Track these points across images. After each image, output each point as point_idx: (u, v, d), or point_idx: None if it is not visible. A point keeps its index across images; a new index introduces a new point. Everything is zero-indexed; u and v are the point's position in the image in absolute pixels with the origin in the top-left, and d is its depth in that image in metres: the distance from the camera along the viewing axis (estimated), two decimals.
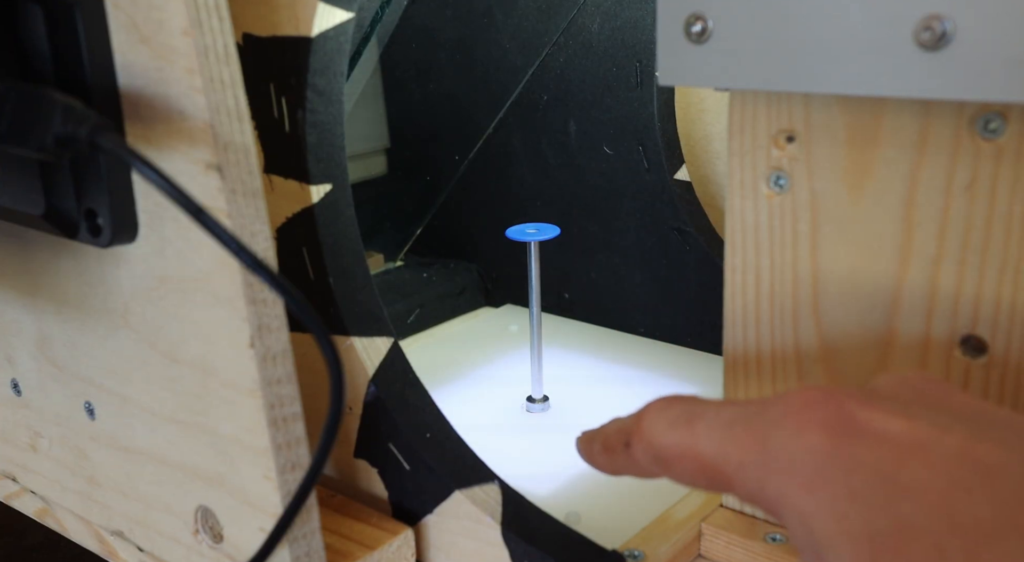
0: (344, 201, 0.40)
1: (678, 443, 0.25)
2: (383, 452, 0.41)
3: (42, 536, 0.46)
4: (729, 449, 0.23)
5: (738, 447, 0.23)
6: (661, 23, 0.31)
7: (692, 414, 0.25)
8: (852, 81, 0.27)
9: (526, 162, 0.70)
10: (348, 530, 0.39)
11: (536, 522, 0.38)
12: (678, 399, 0.26)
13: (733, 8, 0.29)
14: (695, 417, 0.25)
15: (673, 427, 0.25)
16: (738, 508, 0.40)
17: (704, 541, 0.40)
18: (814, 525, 0.21)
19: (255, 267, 0.26)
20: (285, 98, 0.38)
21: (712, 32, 0.30)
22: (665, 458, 0.25)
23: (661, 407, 0.26)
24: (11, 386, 0.43)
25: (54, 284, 0.37)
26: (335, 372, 0.26)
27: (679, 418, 0.25)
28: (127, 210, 0.32)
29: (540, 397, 0.56)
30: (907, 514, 0.20)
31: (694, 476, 0.25)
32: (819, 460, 0.21)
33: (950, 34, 0.25)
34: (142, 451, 0.37)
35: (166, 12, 0.28)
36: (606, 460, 0.29)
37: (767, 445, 0.23)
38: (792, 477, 0.22)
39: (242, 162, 0.29)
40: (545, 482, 0.48)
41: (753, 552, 0.38)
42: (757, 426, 0.23)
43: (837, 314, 0.33)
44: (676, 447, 0.25)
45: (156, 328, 0.34)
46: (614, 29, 0.62)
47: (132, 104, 0.30)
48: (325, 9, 0.36)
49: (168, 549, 0.39)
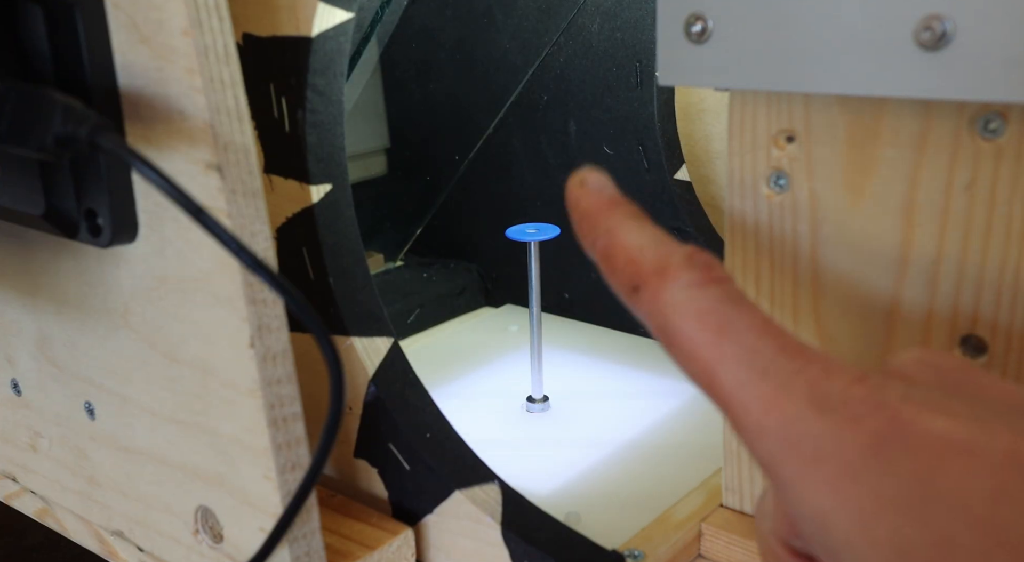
0: (344, 201, 0.40)
1: (696, 345, 0.21)
2: (383, 452, 0.41)
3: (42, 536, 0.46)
4: (752, 403, 0.20)
5: (763, 406, 0.20)
6: (661, 23, 0.31)
7: (725, 322, 0.20)
8: (852, 81, 0.27)
9: (526, 162, 0.70)
10: (348, 530, 0.39)
11: (536, 522, 0.38)
12: (715, 282, 0.21)
13: (733, 8, 0.29)
14: (728, 328, 0.20)
15: (699, 322, 0.21)
16: (738, 508, 0.40)
17: (704, 541, 0.40)
18: (833, 526, 0.19)
19: (255, 267, 0.26)
20: (285, 98, 0.38)
21: (712, 32, 0.30)
22: (672, 342, 0.21)
23: (694, 281, 0.21)
24: (11, 386, 0.43)
25: (54, 284, 0.37)
26: (335, 372, 0.26)
27: (709, 316, 0.21)
28: (127, 210, 0.32)
29: (540, 397, 0.56)
30: (945, 526, 0.18)
31: (697, 382, 0.21)
32: (850, 457, 0.19)
33: (950, 34, 0.25)
34: (142, 451, 0.37)
35: (166, 12, 0.28)
36: (610, 279, 0.23)
37: (796, 422, 0.19)
38: (816, 468, 0.19)
39: (242, 162, 0.29)
40: (545, 482, 0.48)
41: (753, 552, 0.38)
42: (794, 392, 0.19)
43: (836, 314, 0.33)
44: (691, 346, 0.21)
45: (156, 328, 0.34)
46: (614, 29, 0.62)
47: (132, 104, 0.30)
48: (325, 9, 0.36)
49: (168, 549, 0.39)
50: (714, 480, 0.43)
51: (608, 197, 0.25)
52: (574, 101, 0.65)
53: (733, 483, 0.39)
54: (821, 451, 0.19)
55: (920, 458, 0.18)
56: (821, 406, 0.19)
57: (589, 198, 0.25)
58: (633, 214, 0.24)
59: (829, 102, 0.31)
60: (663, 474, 0.47)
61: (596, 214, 0.24)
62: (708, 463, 0.46)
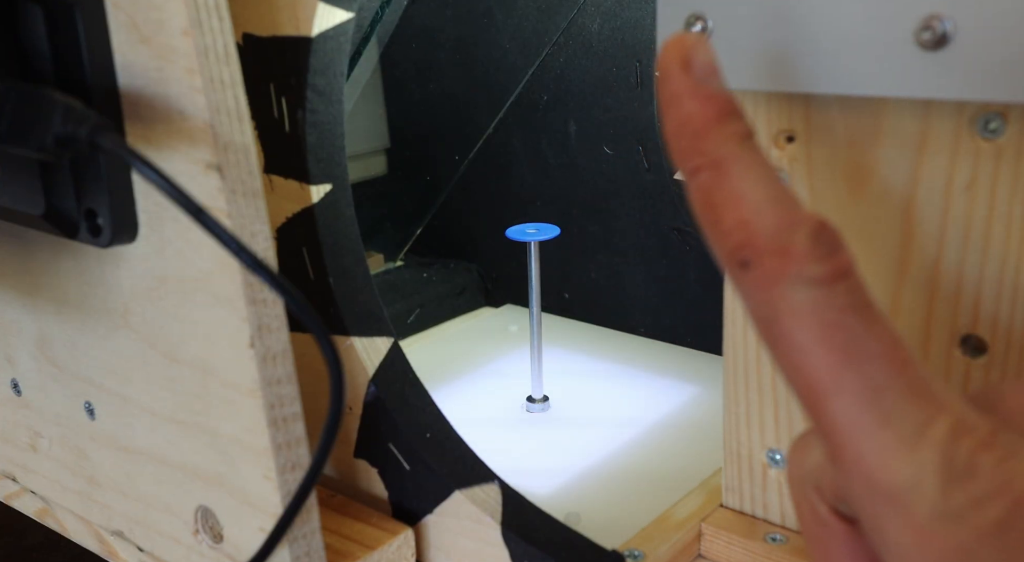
0: (344, 201, 0.40)
1: (811, 363, 0.18)
2: (383, 452, 0.41)
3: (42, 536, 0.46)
4: (866, 451, 0.17)
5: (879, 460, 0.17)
6: (661, 23, 0.31)
7: (852, 345, 0.17)
8: (852, 81, 0.27)
9: (526, 162, 0.70)
10: (348, 530, 0.39)
11: (536, 522, 0.38)
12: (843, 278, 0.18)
13: (733, 8, 0.29)
14: (854, 353, 0.17)
15: (821, 337, 0.17)
16: (738, 508, 0.40)
17: (704, 541, 0.40)
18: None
19: (255, 267, 0.26)
20: (285, 98, 0.38)
21: (712, 32, 0.30)
22: (779, 346, 0.18)
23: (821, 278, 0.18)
24: (11, 386, 0.43)
25: (54, 284, 0.37)
26: (335, 372, 0.26)
27: (835, 332, 0.17)
28: (127, 210, 0.32)
29: (540, 397, 0.57)
30: None
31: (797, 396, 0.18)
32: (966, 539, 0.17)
33: (950, 34, 0.25)
34: (142, 451, 0.37)
35: (166, 12, 0.28)
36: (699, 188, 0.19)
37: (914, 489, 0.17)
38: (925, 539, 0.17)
39: (242, 162, 0.29)
40: (545, 482, 0.48)
41: (753, 552, 0.38)
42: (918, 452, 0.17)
43: None
44: (804, 362, 0.18)
45: (156, 328, 0.34)
46: (614, 29, 0.62)
47: (132, 104, 0.30)
48: (325, 9, 0.36)
49: (168, 549, 0.39)
50: (714, 480, 0.43)
51: (721, 105, 0.20)
52: (574, 101, 0.65)
53: (733, 483, 0.39)
54: (936, 524, 0.17)
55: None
56: (946, 475, 0.17)
57: (696, 101, 0.20)
58: (749, 140, 0.20)
59: (829, 102, 0.31)
60: (663, 474, 0.47)
61: (704, 131, 0.20)
62: (708, 463, 0.46)
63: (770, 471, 0.38)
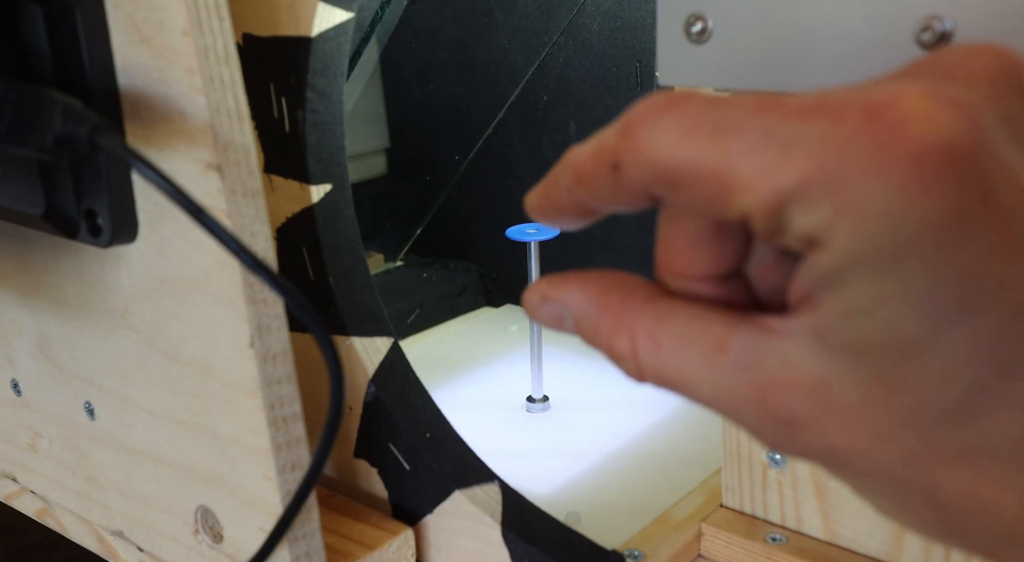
0: (344, 201, 0.40)
1: (699, 159, 0.17)
2: (383, 452, 0.41)
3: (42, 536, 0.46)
4: (782, 177, 0.16)
5: (796, 173, 0.16)
6: (661, 23, 0.31)
7: (719, 123, 0.17)
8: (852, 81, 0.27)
9: (526, 162, 0.70)
10: (348, 530, 0.39)
11: (536, 522, 0.38)
12: (687, 98, 0.18)
13: (733, 8, 0.29)
14: (725, 127, 0.17)
15: (690, 137, 0.18)
16: (738, 508, 0.40)
17: (704, 541, 0.40)
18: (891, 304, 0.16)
19: (255, 267, 0.26)
20: (285, 98, 0.38)
21: (712, 32, 0.30)
22: (675, 180, 0.18)
23: (663, 108, 0.18)
24: (11, 386, 0.43)
25: (54, 284, 0.37)
26: (335, 372, 0.26)
27: (698, 126, 0.18)
28: (127, 210, 0.32)
29: (540, 397, 0.57)
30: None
31: (713, 205, 0.18)
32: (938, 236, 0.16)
33: (950, 34, 0.25)
34: (142, 451, 0.37)
35: (166, 12, 0.28)
36: (581, 194, 0.21)
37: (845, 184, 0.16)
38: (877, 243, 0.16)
39: (242, 162, 0.29)
40: (545, 482, 0.48)
41: (753, 552, 0.38)
42: (832, 150, 0.16)
43: None
44: (695, 165, 0.18)
45: (156, 328, 0.34)
46: (614, 29, 0.62)
47: (132, 104, 0.30)
48: (325, 9, 0.36)
49: (168, 549, 0.39)
50: (714, 480, 0.43)
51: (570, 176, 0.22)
52: (574, 101, 0.65)
53: (733, 483, 0.39)
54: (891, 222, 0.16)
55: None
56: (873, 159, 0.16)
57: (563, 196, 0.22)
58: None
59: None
60: (663, 474, 0.47)
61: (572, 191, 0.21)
62: (708, 463, 0.46)
63: (770, 471, 0.38)
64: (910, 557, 0.35)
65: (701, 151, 0.18)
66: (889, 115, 0.16)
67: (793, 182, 0.16)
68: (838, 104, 0.17)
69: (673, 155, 0.18)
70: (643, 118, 0.19)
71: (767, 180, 0.17)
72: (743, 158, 0.17)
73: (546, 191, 0.22)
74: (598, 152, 0.20)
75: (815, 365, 0.18)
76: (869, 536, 0.36)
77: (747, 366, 0.18)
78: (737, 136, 0.17)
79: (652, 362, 0.20)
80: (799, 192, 0.16)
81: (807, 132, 0.17)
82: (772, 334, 0.18)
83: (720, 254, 0.20)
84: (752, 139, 0.17)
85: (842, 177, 0.16)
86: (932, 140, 0.15)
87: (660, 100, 0.19)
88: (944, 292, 0.16)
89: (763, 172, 0.17)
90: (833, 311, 0.17)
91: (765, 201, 0.17)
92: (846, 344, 0.17)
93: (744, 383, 0.18)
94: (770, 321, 0.18)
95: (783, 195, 0.17)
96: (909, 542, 0.35)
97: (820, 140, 0.16)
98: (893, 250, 0.16)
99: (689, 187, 0.18)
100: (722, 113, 0.18)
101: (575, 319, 0.21)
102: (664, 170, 0.18)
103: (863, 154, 0.16)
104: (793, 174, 0.16)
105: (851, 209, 0.16)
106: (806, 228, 0.17)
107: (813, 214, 0.16)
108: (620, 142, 0.19)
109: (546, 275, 0.22)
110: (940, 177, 0.15)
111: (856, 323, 0.17)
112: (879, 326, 0.17)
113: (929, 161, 0.15)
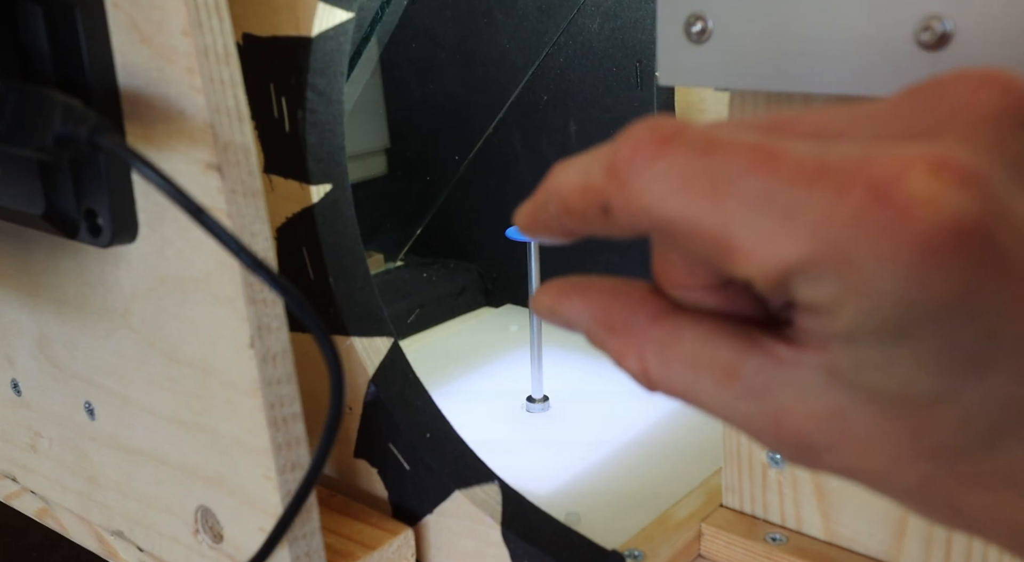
0: (344, 201, 0.40)
1: (695, 217, 0.17)
2: (383, 452, 0.41)
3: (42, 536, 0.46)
4: (785, 251, 0.16)
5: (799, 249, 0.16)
6: (661, 23, 0.31)
7: (715, 178, 0.17)
8: (852, 81, 0.27)
9: (526, 162, 0.70)
10: (348, 530, 0.39)
11: (536, 522, 0.38)
12: (677, 140, 0.17)
13: (733, 8, 0.29)
14: (721, 184, 0.17)
15: (684, 191, 0.17)
16: (738, 508, 0.40)
17: (704, 541, 0.40)
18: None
19: (255, 267, 0.26)
20: (285, 98, 0.38)
21: (712, 32, 0.30)
22: (670, 232, 0.18)
23: (654, 153, 0.17)
24: (11, 386, 0.43)
25: (54, 284, 0.37)
26: (335, 372, 0.26)
27: (692, 179, 0.17)
28: (127, 210, 0.32)
29: (540, 397, 0.56)
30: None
31: (712, 260, 0.17)
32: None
33: (950, 34, 0.25)
34: (142, 451, 0.37)
35: (166, 12, 0.28)
36: (569, 225, 0.20)
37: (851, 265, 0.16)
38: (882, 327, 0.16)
39: (242, 162, 0.29)
40: (545, 482, 0.48)
41: (753, 552, 0.38)
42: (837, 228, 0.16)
43: None
44: (691, 222, 0.17)
45: (156, 328, 0.34)
46: (614, 29, 0.62)
47: (132, 104, 0.30)
48: (325, 9, 0.36)
49: (168, 549, 0.39)
50: (714, 480, 0.43)
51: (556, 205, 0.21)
52: (574, 101, 0.65)
53: (733, 483, 0.39)
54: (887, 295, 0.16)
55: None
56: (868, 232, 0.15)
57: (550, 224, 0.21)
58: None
59: (829, 102, 0.31)
60: (663, 474, 0.47)
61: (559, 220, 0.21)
62: (708, 463, 0.46)
63: (770, 471, 0.38)
64: (910, 557, 0.35)
65: (697, 209, 0.17)
66: (896, 195, 0.15)
67: (797, 258, 0.16)
68: (841, 173, 0.16)
69: (667, 209, 0.17)
70: (632, 162, 0.18)
71: (769, 252, 0.16)
72: (743, 223, 0.16)
73: (534, 214, 0.22)
74: (585, 190, 0.19)
75: (828, 397, 0.17)
76: (869, 536, 0.36)
77: (759, 394, 0.18)
78: (735, 195, 0.17)
79: (663, 380, 0.20)
80: (803, 268, 0.16)
81: (809, 203, 0.16)
82: (783, 364, 0.18)
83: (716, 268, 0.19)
84: (751, 203, 0.16)
85: (848, 258, 0.15)
86: (940, 222, 0.15)
87: (648, 140, 0.18)
88: (961, 355, 0.16)
89: (764, 243, 0.16)
90: (844, 359, 0.17)
91: (767, 272, 0.16)
92: (859, 386, 0.17)
93: (758, 410, 0.18)
94: (780, 349, 0.18)
95: (786, 269, 0.16)
96: (909, 542, 0.35)
97: (823, 215, 0.16)
98: (905, 325, 0.16)
99: (685, 241, 0.17)
100: (717, 165, 0.17)
101: (583, 332, 0.22)
102: (658, 222, 0.18)
103: (870, 236, 0.15)
104: (796, 250, 0.16)
105: (859, 289, 0.16)
106: (812, 298, 0.16)
107: (819, 288, 0.16)
108: (609, 185, 0.18)
109: (550, 282, 0.22)
110: (950, 258, 0.15)
111: (869, 374, 0.17)
112: (893, 380, 0.17)
113: (938, 243, 0.15)
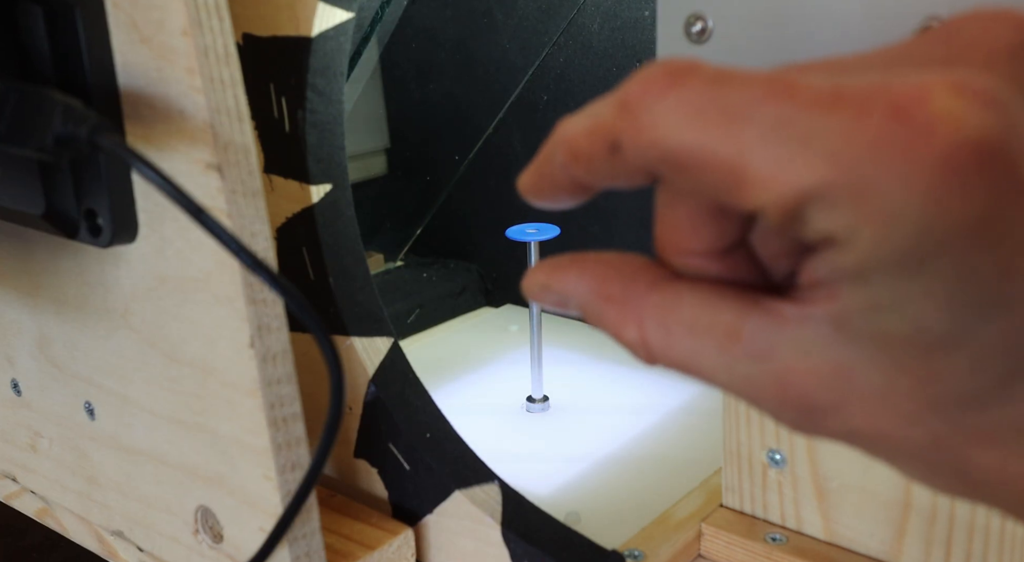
0: (344, 201, 0.40)
1: (708, 146, 0.16)
2: (383, 452, 0.41)
3: (42, 536, 0.46)
4: (802, 176, 0.16)
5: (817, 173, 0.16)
6: (661, 23, 0.31)
7: (729, 107, 0.16)
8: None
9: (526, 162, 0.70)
10: (348, 530, 0.39)
11: (536, 522, 0.38)
12: (690, 73, 0.17)
13: (733, 8, 0.29)
14: (735, 112, 0.16)
15: (697, 121, 0.17)
16: (738, 508, 0.40)
17: (704, 541, 0.40)
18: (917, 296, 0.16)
19: (255, 267, 0.26)
20: (285, 98, 0.38)
21: (712, 32, 0.30)
22: (681, 164, 0.17)
23: (666, 85, 0.17)
24: (11, 386, 0.43)
25: (54, 284, 0.37)
26: (335, 372, 0.26)
27: (706, 108, 0.17)
28: (127, 210, 0.32)
29: (540, 397, 0.57)
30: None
31: (723, 193, 0.17)
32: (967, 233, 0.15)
33: None
34: (142, 451, 0.37)
35: (166, 12, 0.28)
36: (576, 172, 0.20)
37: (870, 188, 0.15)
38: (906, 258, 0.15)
39: (242, 162, 0.29)
40: (545, 482, 0.48)
41: (753, 552, 0.38)
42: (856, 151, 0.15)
43: None
44: (704, 152, 0.17)
45: (156, 328, 0.34)
46: (614, 29, 0.62)
47: (132, 104, 0.30)
48: (325, 9, 0.36)
49: (168, 549, 0.39)
50: (714, 480, 0.43)
51: (564, 154, 0.21)
52: (574, 101, 0.65)
53: (733, 483, 0.39)
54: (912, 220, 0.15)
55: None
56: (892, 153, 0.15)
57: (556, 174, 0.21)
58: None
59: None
60: (663, 474, 0.47)
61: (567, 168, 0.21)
62: (708, 463, 0.46)
63: (770, 471, 0.38)
64: (910, 557, 0.35)
65: (710, 137, 0.16)
66: (917, 115, 0.15)
67: (814, 183, 0.16)
68: (860, 98, 0.16)
69: (679, 139, 0.17)
70: (644, 96, 0.17)
71: (785, 178, 0.16)
72: (758, 150, 0.16)
73: (539, 170, 0.22)
74: (594, 129, 0.19)
75: (834, 352, 0.17)
76: (869, 536, 0.36)
77: (762, 355, 0.18)
78: (750, 124, 0.16)
79: (663, 349, 0.19)
80: (820, 193, 0.16)
81: (827, 127, 0.16)
82: (787, 322, 0.18)
83: (723, 228, 0.19)
84: (766, 129, 0.16)
85: (867, 181, 0.15)
86: (964, 138, 0.15)
87: (660, 74, 0.17)
88: (976, 290, 0.16)
89: (780, 169, 0.16)
90: (854, 304, 0.17)
91: (782, 199, 0.16)
92: (868, 335, 0.17)
93: (760, 372, 0.18)
94: (783, 308, 0.18)
95: (802, 195, 0.16)
96: (909, 542, 0.35)
97: (842, 138, 0.15)
98: (922, 253, 0.15)
99: (697, 173, 0.17)
100: (731, 95, 0.17)
101: (579, 307, 0.21)
102: (669, 154, 0.17)
103: (890, 157, 0.15)
104: (814, 174, 0.15)
105: (877, 214, 0.15)
106: (826, 228, 0.16)
107: (834, 216, 0.16)
108: (619, 121, 0.18)
109: (545, 260, 0.21)
110: (972, 179, 0.15)
111: (880, 317, 0.16)
112: (905, 322, 0.16)
113: (961, 163, 0.15)
